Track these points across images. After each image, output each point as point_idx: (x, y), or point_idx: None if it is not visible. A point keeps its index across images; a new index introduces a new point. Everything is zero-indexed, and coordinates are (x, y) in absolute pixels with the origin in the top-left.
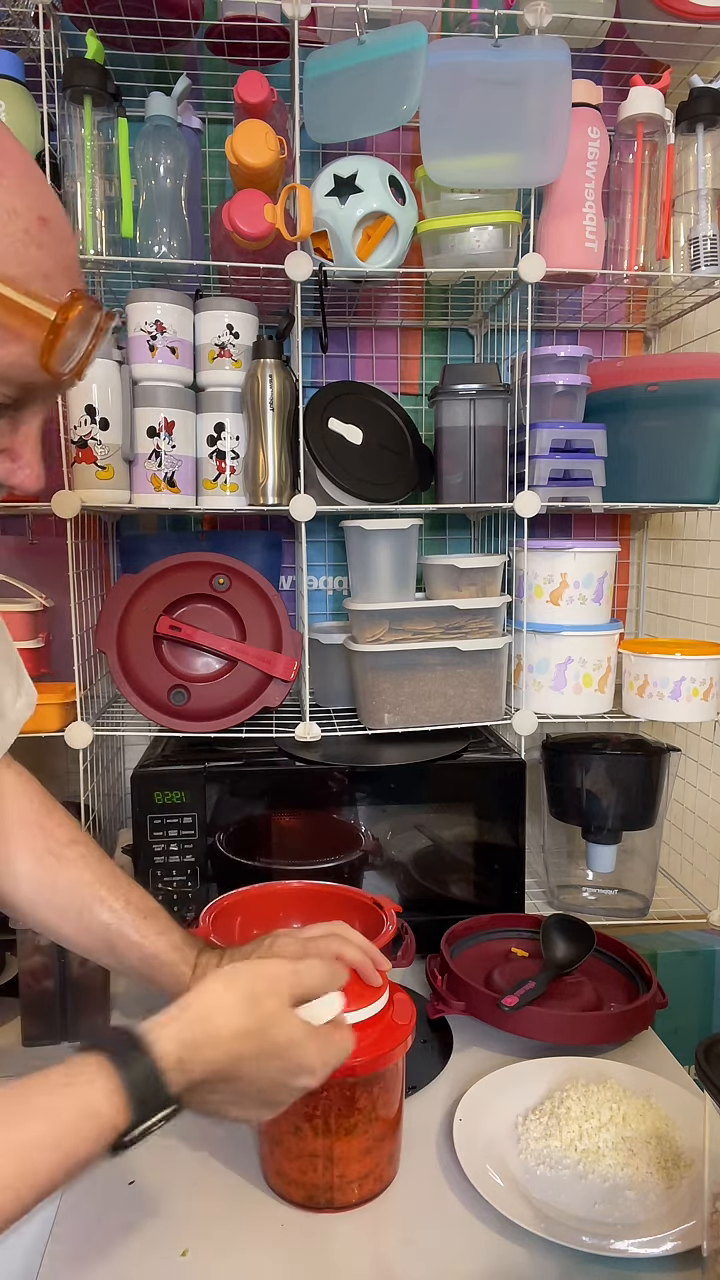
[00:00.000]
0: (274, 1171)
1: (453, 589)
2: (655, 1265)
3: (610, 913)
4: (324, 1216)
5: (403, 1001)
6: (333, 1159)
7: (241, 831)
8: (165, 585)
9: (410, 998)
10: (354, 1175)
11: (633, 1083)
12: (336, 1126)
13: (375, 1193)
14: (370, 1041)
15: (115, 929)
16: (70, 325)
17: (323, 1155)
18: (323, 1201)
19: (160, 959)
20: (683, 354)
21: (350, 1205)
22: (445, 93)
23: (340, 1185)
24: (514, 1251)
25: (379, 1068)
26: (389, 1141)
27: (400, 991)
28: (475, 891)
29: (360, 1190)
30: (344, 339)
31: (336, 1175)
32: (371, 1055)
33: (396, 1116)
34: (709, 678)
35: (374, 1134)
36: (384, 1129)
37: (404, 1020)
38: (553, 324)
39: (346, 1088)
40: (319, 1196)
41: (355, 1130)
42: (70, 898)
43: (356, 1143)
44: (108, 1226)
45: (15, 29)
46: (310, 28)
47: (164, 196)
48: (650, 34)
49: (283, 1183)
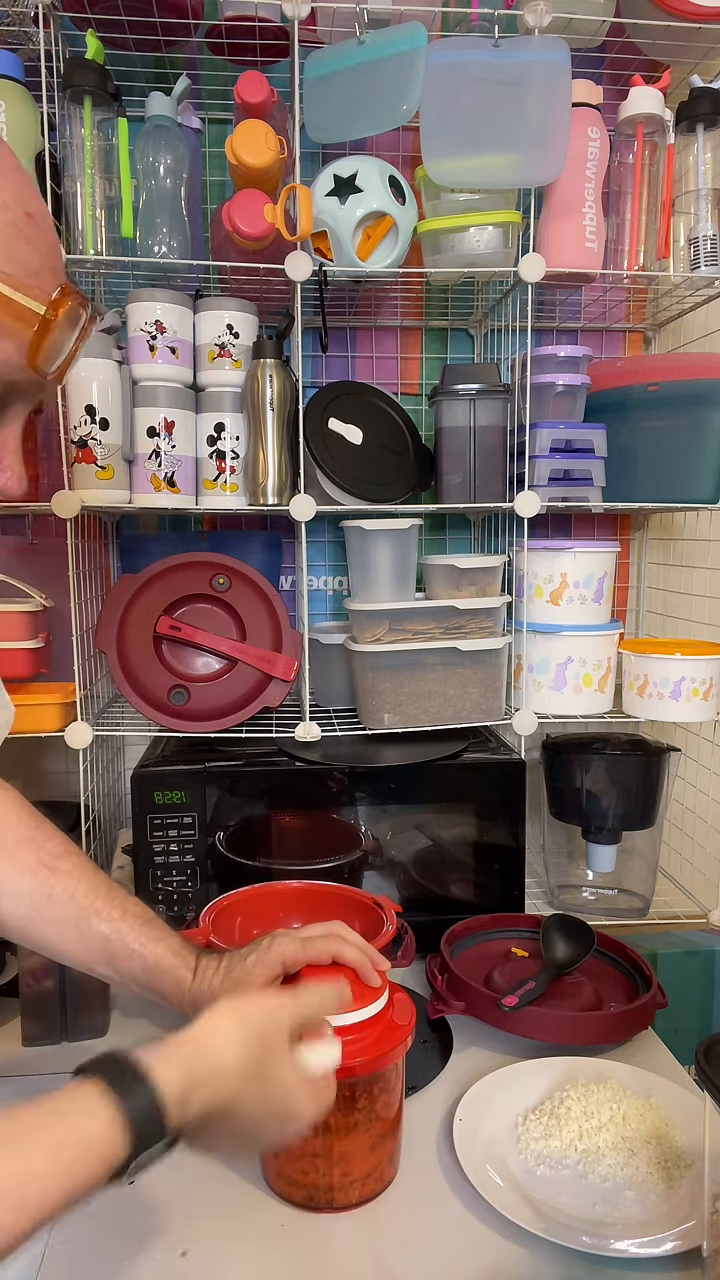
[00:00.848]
0: (275, 1172)
1: (453, 589)
2: (655, 1265)
3: (610, 913)
4: (324, 1216)
5: (403, 1002)
6: (333, 1159)
7: (241, 831)
8: (165, 585)
9: (410, 998)
10: (356, 1175)
11: (633, 1083)
12: (337, 1126)
13: (375, 1192)
14: (370, 1042)
15: (115, 939)
16: (60, 322)
17: (323, 1155)
18: (323, 1202)
19: (161, 965)
20: (683, 354)
21: (350, 1205)
22: (445, 93)
23: (341, 1185)
24: (514, 1251)
25: (379, 1068)
26: (389, 1141)
27: (400, 992)
28: (475, 891)
29: (361, 1190)
30: (344, 339)
31: (338, 1175)
32: (371, 1055)
33: (397, 1116)
34: (709, 678)
35: (374, 1133)
36: (384, 1129)
37: (404, 1020)
38: (553, 324)
39: (346, 1088)
40: (319, 1197)
41: (356, 1130)
42: (67, 910)
43: (357, 1142)
44: (108, 1226)
45: (15, 29)
46: (310, 28)
47: (164, 196)
48: (650, 34)
49: (283, 1183)
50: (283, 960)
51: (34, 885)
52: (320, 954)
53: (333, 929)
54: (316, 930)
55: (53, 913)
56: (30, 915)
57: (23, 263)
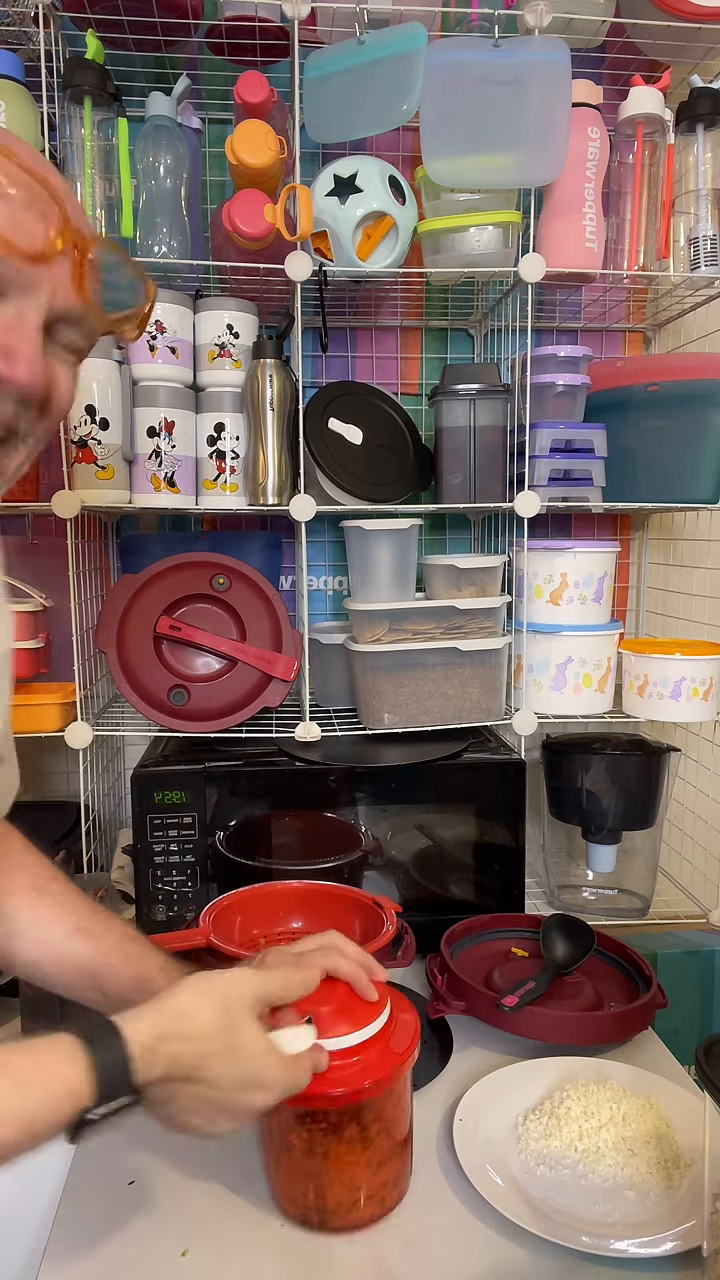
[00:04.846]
0: (276, 1189)
1: (453, 589)
2: (655, 1265)
3: (610, 913)
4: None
5: (404, 1024)
6: (324, 1181)
7: (241, 831)
8: (165, 585)
9: (416, 1018)
10: (348, 1199)
11: (633, 1083)
12: (324, 1149)
13: (376, 1217)
14: (359, 1068)
15: (99, 958)
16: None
17: (315, 1176)
18: (315, 1222)
19: (145, 980)
20: (683, 354)
21: (344, 1229)
22: (445, 93)
23: (335, 1209)
24: (514, 1251)
25: (363, 1098)
26: (388, 1169)
27: (406, 1012)
28: (475, 891)
29: (353, 1216)
30: (344, 339)
31: (331, 1198)
32: (355, 1085)
33: (398, 1144)
34: (709, 678)
35: (368, 1161)
36: (378, 1156)
37: (401, 1047)
38: (553, 324)
39: (333, 1114)
40: (312, 1217)
41: (344, 1155)
42: (53, 930)
43: (349, 1166)
44: (108, 1226)
45: (15, 29)
46: (310, 28)
47: (164, 196)
48: (650, 34)
49: (283, 1199)
50: None
51: (29, 909)
52: (313, 968)
53: (328, 940)
54: (311, 943)
55: (39, 932)
56: (29, 936)
57: None
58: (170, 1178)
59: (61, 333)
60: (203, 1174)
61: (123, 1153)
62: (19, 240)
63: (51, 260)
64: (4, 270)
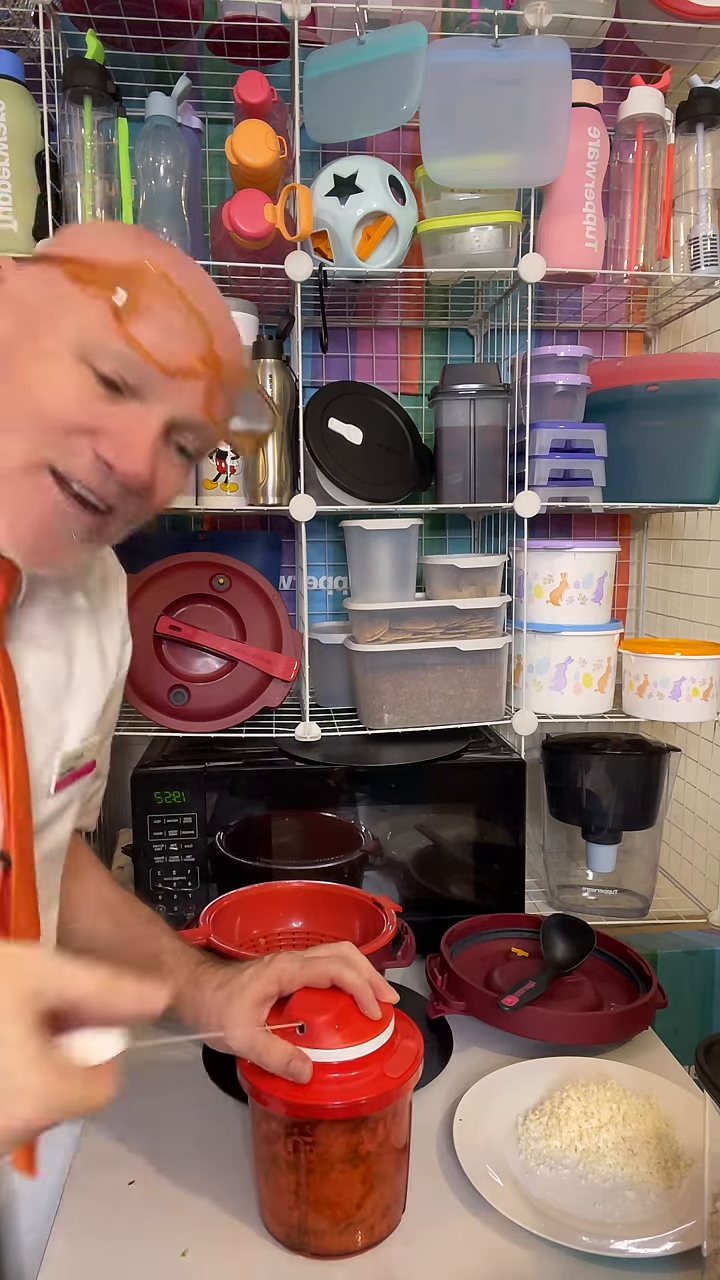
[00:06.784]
0: (264, 1208)
1: (453, 589)
2: (655, 1265)
3: (610, 913)
4: None
5: (405, 1051)
6: (309, 1203)
7: (241, 831)
8: (165, 585)
9: (418, 1045)
10: (330, 1226)
11: (633, 1083)
12: (306, 1166)
13: (364, 1246)
14: (347, 1086)
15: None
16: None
17: (298, 1197)
18: (296, 1243)
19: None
20: (683, 354)
21: (329, 1255)
22: (445, 93)
23: (316, 1231)
24: (514, 1251)
25: (345, 1115)
26: (376, 1195)
27: (411, 1038)
28: (475, 891)
29: (340, 1242)
30: (344, 339)
31: (313, 1220)
32: (351, 1099)
33: (394, 1171)
34: (709, 678)
35: (364, 1182)
36: (375, 1179)
37: (396, 1073)
38: (553, 324)
39: (308, 1126)
40: (294, 1237)
41: (342, 1172)
42: (81, 903)
43: (329, 1190)
44: (108, 1226)
45: (15, 29)
46: (310, 28)
47: (164, 196)
48: (650, 34)
49: (269, 1217)
50: (279, 979)
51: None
52: (319, 975)
53: (339, 950)
54: (322, 951)
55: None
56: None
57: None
58: (170, 1178)
59: (181, 436)
60: (203, 1174)
61: (123, 1153)
62: (161, 356)
63: (187, 378)
64: (143, 376)
